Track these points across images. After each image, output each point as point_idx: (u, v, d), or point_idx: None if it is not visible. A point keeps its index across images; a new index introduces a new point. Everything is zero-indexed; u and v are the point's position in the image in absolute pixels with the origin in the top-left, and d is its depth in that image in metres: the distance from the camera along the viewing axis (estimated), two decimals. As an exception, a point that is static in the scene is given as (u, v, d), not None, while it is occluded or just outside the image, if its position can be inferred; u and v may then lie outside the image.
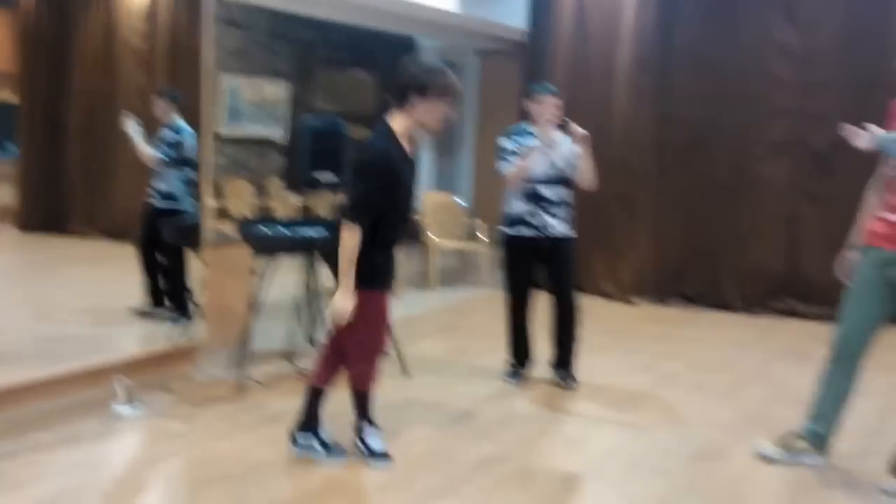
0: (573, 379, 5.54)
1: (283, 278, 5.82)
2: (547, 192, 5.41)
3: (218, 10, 9.95)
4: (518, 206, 5.46)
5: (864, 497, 3.94)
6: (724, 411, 5.18)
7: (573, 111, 8.53)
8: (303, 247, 5.46)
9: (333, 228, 4.05)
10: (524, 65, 9.24)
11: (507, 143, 5.45)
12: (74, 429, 4.48)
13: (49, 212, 8.43)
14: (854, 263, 4.17)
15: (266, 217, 6.73)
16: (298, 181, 5.68)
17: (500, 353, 6.18)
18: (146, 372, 5.27)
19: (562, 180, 5.46)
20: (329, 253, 4.09)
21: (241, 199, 10.43)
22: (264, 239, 5.34)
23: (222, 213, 10.04)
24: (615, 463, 4.33)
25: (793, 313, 7.90)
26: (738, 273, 8.28)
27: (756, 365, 6.33)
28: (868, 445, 4.28)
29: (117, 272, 6.82)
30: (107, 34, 8.15)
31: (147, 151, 6.20)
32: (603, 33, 8.60)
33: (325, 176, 5.65)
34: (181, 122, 6.27)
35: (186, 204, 6.21)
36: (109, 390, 4.84)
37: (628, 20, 8.44)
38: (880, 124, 4.03)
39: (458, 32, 10.46)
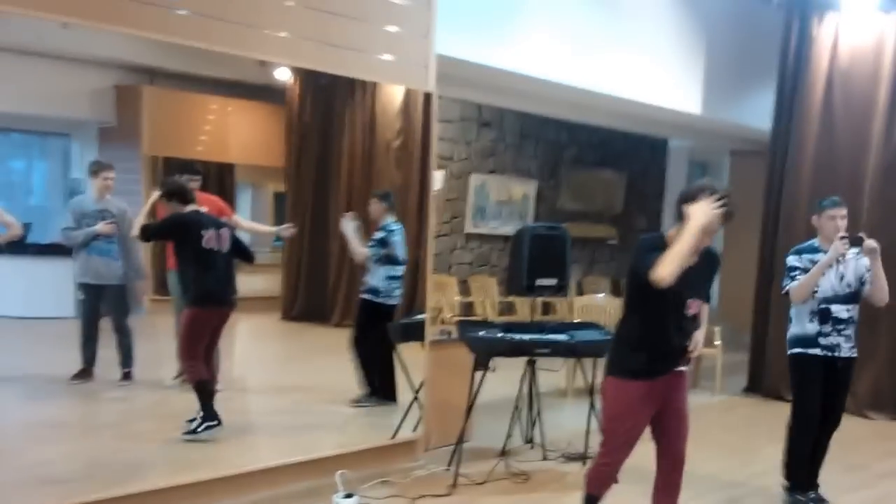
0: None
1: (511, 376, 5.93)
2: (838, 310, 5.14)
3: (471, 112, 10.53)
4: (809, 326, 5.18)
5: None
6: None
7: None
8: (520, 351, 5.54)
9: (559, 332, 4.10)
10: (768, 167, 8.99)
11: (795, 261, 5.18)
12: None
13: (310, 301, 8.95)
14: None
15: (488, 321, 6.84)
16: (517, 285, 5.81)
17: (718, 464, 6.02)
18: (368, 463, 5.51)
19: (852, 297, 5.18)
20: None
21: (486, 295, 10.70)
22: (480, 341, 5.48)
23: (467, 309, 10.36)
24: None
25: None
26: None
27: None
28: None
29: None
30: (366, 131, 8.69)
31: (359, 250, 6.55)
32: (850, 139, 8.22)
33: (547, 282, 5.75)
34: (392, 222, 6.61)
35: (390, 297, 6.56)
36: (332, 480, 5.04)
37: (878, 126, 8.04)
38: None
39: (703, 133, 10.41)
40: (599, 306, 8.64)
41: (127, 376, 6.30)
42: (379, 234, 6.59)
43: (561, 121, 11.22)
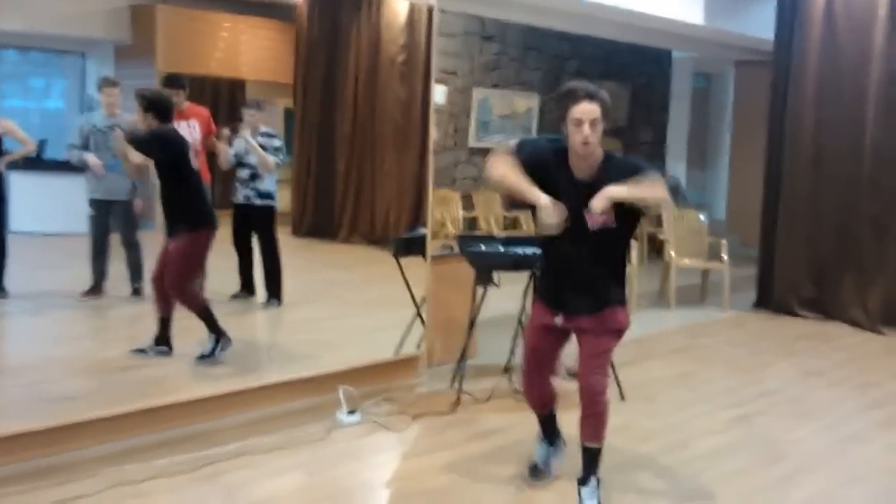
0: None
1: (516, 291, 5.89)
2: None
3: (474, 26, 10.38)
4: None
5: None
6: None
7: (822, 127, 8.16)
8: (521, 265, 5.49)
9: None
10: (771, 78, 8.82)
11: None
12: (295, 433, 4.75)
13: (318, 218, 8.97)
14: None
15: (487, 234, 6.81)
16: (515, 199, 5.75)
17: (728, 381, 6.01)
18: (371, 380, 5.51)
19: None
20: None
21: (490, 210, 10.64)
22: (481, 256, 5.43)
23: (471, 224, 10.33)
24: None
25: None
26: None
27: None
28: None
29: (368, 278, 7.12)
30: (371, 47, 8.62)
31: (269, 159, 6.50)
32: (852, 47, 8.04)
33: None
34: (271, 130, 6.68)
35: (277, 201, 6.71)
36: (335, 397, 5.10)
37: (880, 34, 7.85)
38: None
39: (706, 44, 10.24)
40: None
41: (136, 292, 6.36)
42: (277, 142, 6.63)
43: (563, 33, 11.00)
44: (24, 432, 4.15)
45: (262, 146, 6.47)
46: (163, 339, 5.57)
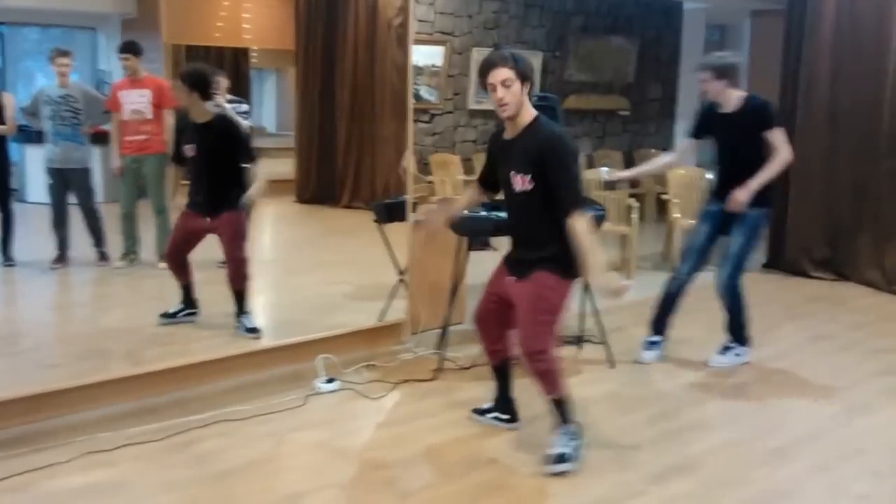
0: None
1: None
2: None
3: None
4: None
5: None
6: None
7: (838, 78, 7.80)
8: (500, 229, 5.25)
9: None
10: (785, 26, 8.44)
11: None
12: (271, 402, 4.63)
13: (320, 183, 8.90)
14: None
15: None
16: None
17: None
18: (354, 347, 5.39)
19: None
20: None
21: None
22: (464, 220, 5.21)
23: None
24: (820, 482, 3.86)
25: None
26: None
27: None
28: None
29: (365, 244, 6.97)
30: (369, 10, 8.52)
31: (242, 122, 6.32)
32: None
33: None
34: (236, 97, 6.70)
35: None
36: (315, 365, 4.99)
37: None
38: None
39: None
40: (605, 181, 8.26)
41: (103, 256, 6.51)
42: (244, 107, 6.64)
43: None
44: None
45: None
46: (189, 303, 5.71)
